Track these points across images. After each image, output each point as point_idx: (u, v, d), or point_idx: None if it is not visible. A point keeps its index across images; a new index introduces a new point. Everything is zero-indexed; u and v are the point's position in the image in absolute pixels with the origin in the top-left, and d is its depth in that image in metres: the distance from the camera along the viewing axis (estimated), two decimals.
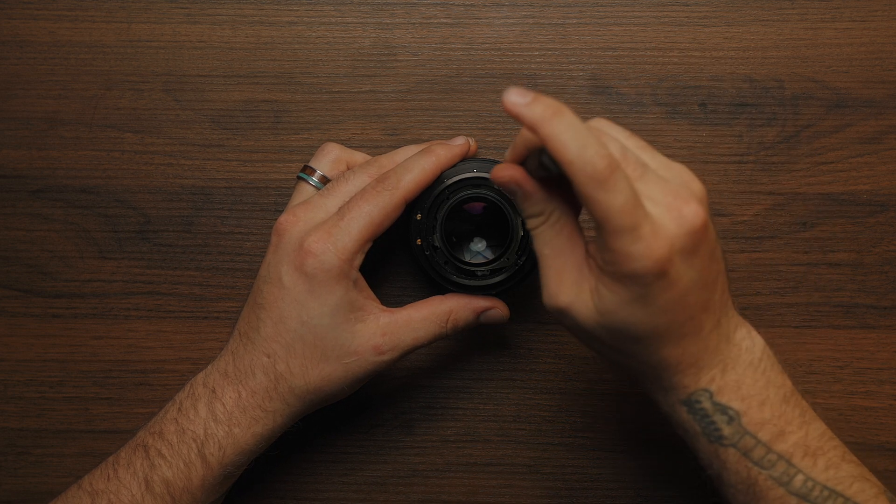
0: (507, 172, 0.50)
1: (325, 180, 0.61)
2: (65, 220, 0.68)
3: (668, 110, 0.67)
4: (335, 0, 0.67)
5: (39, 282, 0.68)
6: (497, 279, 0.61)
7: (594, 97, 0.67)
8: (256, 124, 0.67)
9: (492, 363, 0.67)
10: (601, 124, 0.50)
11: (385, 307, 0.59)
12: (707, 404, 0.50)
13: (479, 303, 0.60)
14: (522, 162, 0.51)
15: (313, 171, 0.61)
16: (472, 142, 0.62)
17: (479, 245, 0.64)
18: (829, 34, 0.66)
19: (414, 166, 0.59)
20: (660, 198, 0.47)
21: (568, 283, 0.50)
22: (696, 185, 0.49)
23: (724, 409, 0.50)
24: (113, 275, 0.68)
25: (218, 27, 0.68)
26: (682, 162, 0.51)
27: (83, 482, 0.58)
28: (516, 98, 0.45)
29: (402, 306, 0.59)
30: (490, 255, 0.64)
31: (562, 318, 0.51)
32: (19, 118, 0.68)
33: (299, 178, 0.61)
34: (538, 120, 0.45)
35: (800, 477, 0.50)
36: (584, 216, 0.51)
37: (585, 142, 0.45)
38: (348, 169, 0.61)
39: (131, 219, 0.68)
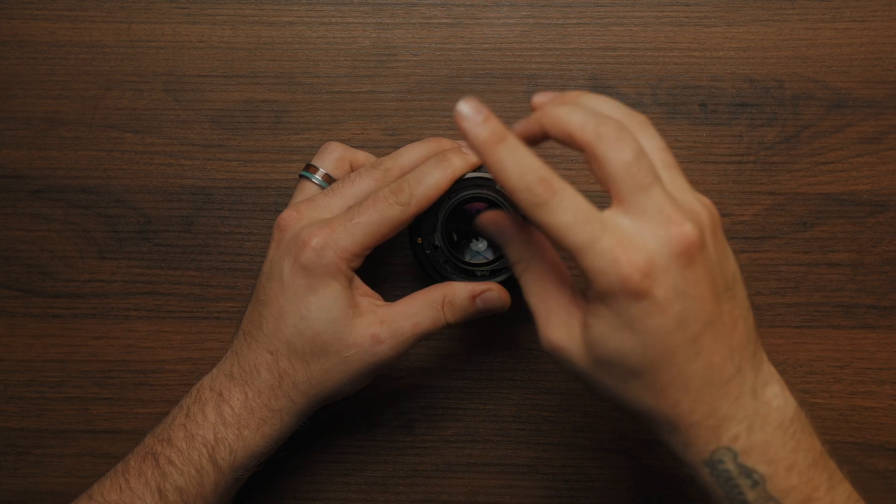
0: (489, 217, 0.52)
1: (328, 178, 0.61)
2: (65, 220, 0.68)
3: (668, 110, 0.67)
4: (335, 0, 0.67)
5: (39, 282, 0.68)
6: (497, 279, 0.61)
7: None
8: (256, 124, 0.67)
9: (492, 363, 0.67)
10: (627, 128, 0.48)
11: (383, 301, 0.59)
12: (731, 465, 0.48)
13: (473, 286, 0.59)
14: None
15: (316, 169, 0.61)
16: None
17: (479, 245, 0.64)
18: (829, 34, 0.66)
19: (428, 179, 0.58)
20: (653, 213, 0.46)
21: (558, 324, 0.50)
22: (703, 213, 0.48)
23: (749, 473, 0.48)
24: (113, 275, 0.68)
25: (218, 27, 0.68)
26: (682, 162, 0.51)
27: (94, 493, 0.58)
28: (468, 112, 0.46)
29: None
30: (490, 256, 0.64)
31: (559, 361, 0.50)
32: (19, 118, 0.68)
33: (302, 176, 0.61)
34: (482, 145, 0.46)
35: None
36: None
37: (525, 167, 0.46)
38: (351, 168, 0.61)
39: (131, 219, 0.68)
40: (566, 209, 0.46)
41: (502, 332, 0.67)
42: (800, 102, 0.66)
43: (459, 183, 0.60)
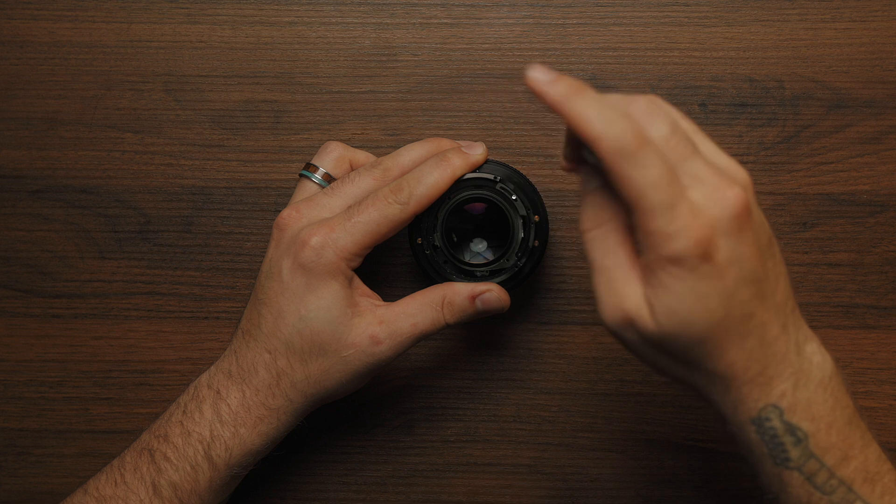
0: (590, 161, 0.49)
1: (328, 178, 0.61)
2: (65, 220, 0.68)
3: None
4: (335, 0, 0.67)
5: (39, 282, 0.68)
6: (496, 280, 0.61)
7: None
8: (256, 124, 0.67)
9: (492, 363, 0.67)
10: (655, 101, 0.47)
11: (382, 301, 0.59)
12: (777, 423, 0.48)
13: (473, 287, 0.59)
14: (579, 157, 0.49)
15: (316, 168, 0.61)
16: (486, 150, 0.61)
17: (479, 245, 0.64)
18: (829, 34, 0.66)
19: (428, 178, 0.58)
20: (706, 179, 0.46)
21: (629, 294, 0.47)
22: (741, 174, 0.48)
23: (793, 430, 0.48)
24: (113, 275, 0.68)
25: (218, 27, 0.68)
26: None
27: (89, 487, 0.58)
28: (539, 75, 0.45)
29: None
30: (490, 256, 0.64)
31: (624, 334, 0.48)
32: (19, 118, 0.68)
33: (302, 175, 0.61)
34: (560, 99, 0.44)
35: (858, 503, 0.48)
36: None
37: (610, 116, 0.44)
38: (351, 167, 0.61)
39: (131, 219, 0.68)
40: (653, 164, 0.44)
41: (502, 332, 0.67)
42: (800, 102, 0.66)
43: (459, 183, 0.60)
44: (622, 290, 0.47)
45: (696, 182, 0.46)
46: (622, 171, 0.44)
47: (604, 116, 0.44)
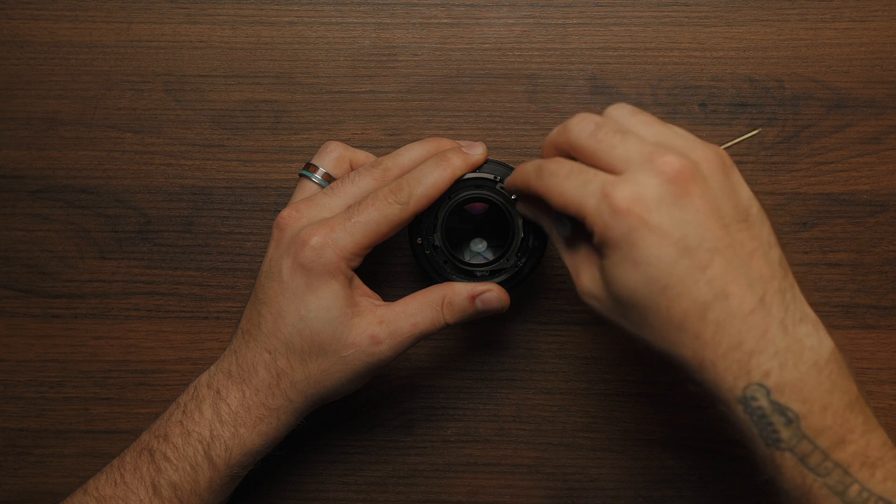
0: (521, 207, 0.58)
1: (328, 178, 0.61)
2: (65, 220, 0.68)
3: (668, 110, 0.67)
4: (335, 0, 0.67)
5: (39, 282, 0.68)
6: (496, 280, 0.61)
7: (594, 97, 0.67)
8: (256, 124, 0.67)
9: (492, 363, 0.67)
10: (582, 115, 0.52)
11: (382, 301, 0.59)
12: (764, 402, 0.48)
13: (473, 287, 0.59)
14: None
15: (316, 168, 0.61)
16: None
17: (479, 245, 0.64)
18: (829, 34, 0.66)
19: (428, 178, 0.58)
20: (635, 156, 0.49)
21: (585, 273, 0.52)
22: (696, 152, 0.50)
23: (783, 410, 0.48)
24: (113, 275, 0.68)
25: (218, 27, 0.68)
26: None
27: (89, 487, 0.58)
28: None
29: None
30: (490, 256, 0.64)
31: (592, 307, 0.53)
32: (19, 118, 0.68)
33: (302, 175, 0.61)
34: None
35: (855, 487, 0.48)
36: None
37: (518, 173, 0.55)
38: (351, 167, 0.61)
39: (131, 219, 0.68)
40: (555, 171, 0.51)
41: (502, 332, 0.67)
42: (800, 102, 0.66)
43: (459, 183, 0.60)
44: (581, 276, 0.53)
45: (626, 162, 0.49)
46: (538, 188, 0.52)
47: (515, 176, 0.56)
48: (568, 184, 0.50)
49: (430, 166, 0.59)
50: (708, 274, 0.48)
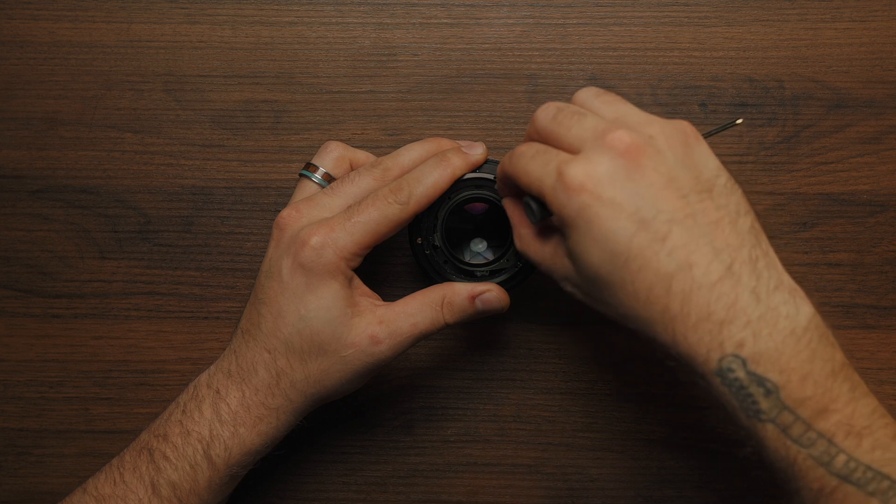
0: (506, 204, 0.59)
1: (328, 178, 0.61)
2: (65, 220, 0.68)
3: (668, 110, 0.67)
4: (335, 0, 0.67)
5: (39, 282, 0.68)
6: (496, 280, 0.61)
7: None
8: (256, 124, 0.67)
9: (492, 363, 0.67)
10: (549, 103, 0.54)
11: (382, 301, 0.59)
12: (741, 374, 0.47)
13: (472, 287, 0.59)
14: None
15: (316, 168, 0.61)
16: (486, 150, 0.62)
17: (479, 245, 0.64)
18: (829, 34, 0.66)
19: (428, 178, 0.58)
20: (589, 134, 0.51)
21: (559, 264, 0.54)
22: (651, 126, 0.51)
23: (760, 381, 0.47)
24: (113, 275, 0.68)
25: (218, 27, 0.68)
26: None
27: (88, 486, 0.58)
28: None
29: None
30: (490, 256, 0.64)
31: (570, 292, 0.54)
32: (19, 118, 0.68)
33: (302, 175, 0.61)
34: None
35: (842, 457, 0.47)
36: None
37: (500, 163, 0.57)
38: (351, 167, 0.61)
39: (131, 219, 0.68)
40: (523, 153, 0.53)
41: (502, 332, 0.67)
42: (800, 102, 0.66)
43: (459, 183, 0.60)
44: (556, 266, 0.54)
45: (581, 141, 0.51)
46: (508, 170, 0.54)
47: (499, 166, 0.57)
48: (532, 164, 0.52)
49: (430, 166, 0.59)
50: (668, 245, 0.48)
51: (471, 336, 0.67)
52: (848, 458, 0.47)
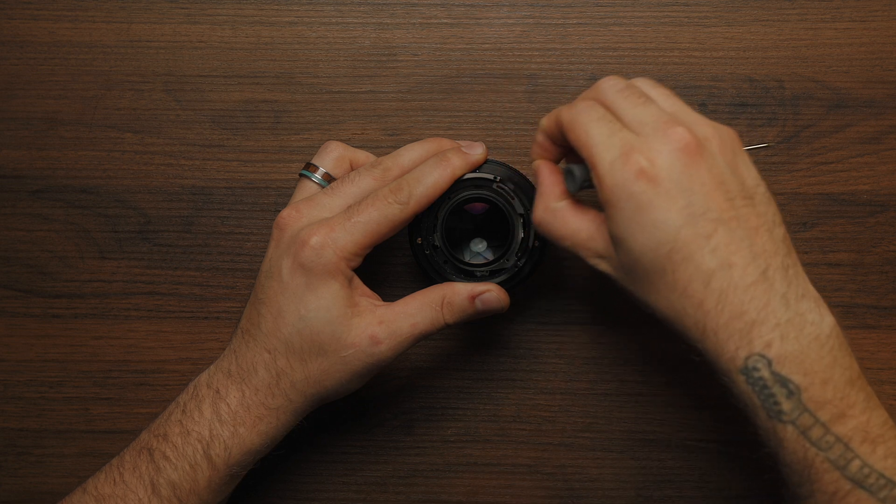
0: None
1: (328, 178, 0.61)
2: (65, 220, 0.68)
3: None
4: (335, 0, 0.67)
5: (39, 282, 0.68)
6: (496, 280, 0.61)
7: None
8: (256, 124, 0.67)
9: (492, 363, 0.67)
10: (637, 80, 0.56)
11: (382, 302, 0.59)
12: (766, 373, 0.49)
13: (472, 287, 0.59)
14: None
15: (316, 168, 0.61)
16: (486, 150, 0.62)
17: (479, 245, 0.64)
18: (829, 34, 0.66)
19: (428, 178, 0.58)
20: (651, 122, 0.52)
21: (598, 239, 0.54)
22: (705, 129, 0.52)
23: (784, 382, 0.49)
24: (113, 275, 0.68)
25: (218, 27, 0.68)
26: None
27: (88, 486, 0.58)
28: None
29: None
30: (490, 256, 0.64)
31: (602, 271, 0.54)
32: (19, 118, 0.68)
33: (302, 175, 0.61)
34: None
35: (856, 462, 0.48)
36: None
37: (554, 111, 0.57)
38: (351, 167, 0.61)
39: (131, 219, 0.68)
40: (587, 109, 0.53)
41: (502, 332, 0.67)
42: (800, 102, 0.66)
43: (459, 183, 0.60)
44: (593, 241, 0.54)
45: (642, 125, 0.52)
46: (565, 118, 0.54)
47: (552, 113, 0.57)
48: (595, 127, 0.52)
49: (429, 166, 0.59)
50: (712, 242, 0.49)
51: (471, 336, 0.67)
52: (862, 464, 0.48)
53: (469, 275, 0.61)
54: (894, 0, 0.66)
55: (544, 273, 0.67)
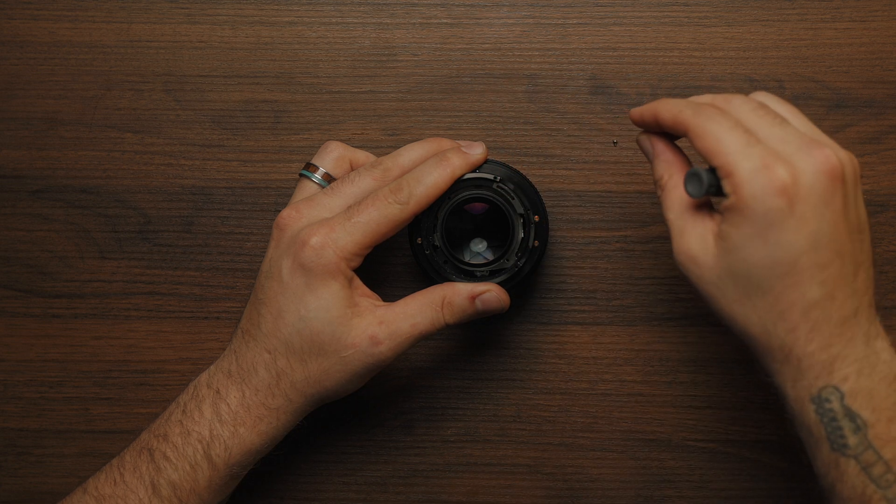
0: (644, 135, 0.56)
1: (327, 178, 0.61)
2: (65, 220, 0.68)
3: None
4: (335, 0, 0.67)
5: (39, 282, 0.68)
6: (496, 280, 0.61)
7: (594, 97, 0.67)
8: (256, 124, 0.67)
9: (492, 363, 0.67)
10: (759, 96, 0.54)
11: (382, 302, 0.59)
12: (836, 405, 0.49)
13: (473, 287, 0.59)
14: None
15: (316, 168, 0.61)
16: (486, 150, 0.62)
17: (479, 245, 0.64)
18: (829, 34, 0.66)
19: (428, 178, 0.58)
20: (793, 140, 0.50)
21: (693, 234, 0.52)
22: (841, 152, 0.50)
23: (853, 416, 0.49)
24: (113, 275, 0.68)
25: (218, 27, 0.68)
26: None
27: (88, 486, 0.58)
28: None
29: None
30: (490, 256, 0.64)
31: (689, 272, 0.52)
32: (19, 118, 0.68)
33: (302, 175, 0.61)
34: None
35: None
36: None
37: (660, 105, 0.54)
38: (351, 167, 0.61)
39: (131, 219, 0.68)
40: (718, 118, 0.51)
41: (502, 332, 0.67)
42: (800, 102, 0.66)
43: (459, 183, 0.60)
44: (686, 238, 0.52)
45: (783, 143, 0.50)
46: (694, 122, 0.51)
47: (658, 107, 0.54)
48: (729, 136, 0.50)
49: (429, 166, 0.59)
50: (824, 273, 0.49)
51: (471, 336, 0.67)
52: None
53: (469, 275, 0.61)
54: (894, 0, 0.66)
55: (544, 273, 0.67)
